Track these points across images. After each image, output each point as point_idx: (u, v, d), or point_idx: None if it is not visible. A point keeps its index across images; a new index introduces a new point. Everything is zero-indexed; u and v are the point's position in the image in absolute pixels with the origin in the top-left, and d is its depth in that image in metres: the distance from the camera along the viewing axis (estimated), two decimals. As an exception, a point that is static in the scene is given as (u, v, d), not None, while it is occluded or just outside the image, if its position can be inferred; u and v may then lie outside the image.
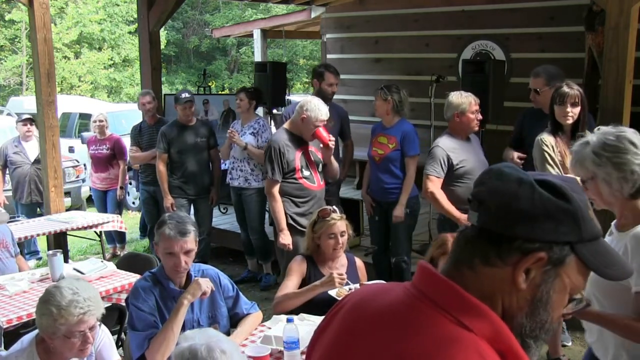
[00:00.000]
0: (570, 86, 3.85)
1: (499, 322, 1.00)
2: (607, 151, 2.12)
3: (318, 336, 1.21)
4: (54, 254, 4.00)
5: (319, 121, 4.39)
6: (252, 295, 5.42)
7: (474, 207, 1.07)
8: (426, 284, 1.06)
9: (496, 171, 1.07)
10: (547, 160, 3.80)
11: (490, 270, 1.03)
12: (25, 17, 16.14)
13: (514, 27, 7.29)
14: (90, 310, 2.42)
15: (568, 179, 1.07)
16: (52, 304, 2.39)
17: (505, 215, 1.02)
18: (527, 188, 1.02)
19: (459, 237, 1.09)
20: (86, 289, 2.48)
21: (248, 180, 5.82)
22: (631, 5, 4.16)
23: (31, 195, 6.90)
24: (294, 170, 4.48)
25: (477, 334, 0.98)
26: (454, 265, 1.08)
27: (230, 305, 3.10)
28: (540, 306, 1.04)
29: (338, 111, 5.60)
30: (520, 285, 1.02)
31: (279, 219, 4.47)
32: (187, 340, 1.81)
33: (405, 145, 4.79)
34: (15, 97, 16.95)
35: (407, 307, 1.05)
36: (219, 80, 24.23)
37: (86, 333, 2.44)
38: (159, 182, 5.95)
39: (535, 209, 1.01)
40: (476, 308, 1.00)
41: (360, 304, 1.15)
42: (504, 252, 1.02)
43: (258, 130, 5.80)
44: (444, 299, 1.02)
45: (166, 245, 2.87)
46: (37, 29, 6.10)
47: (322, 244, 3.41)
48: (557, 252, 1.01)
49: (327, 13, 8.97)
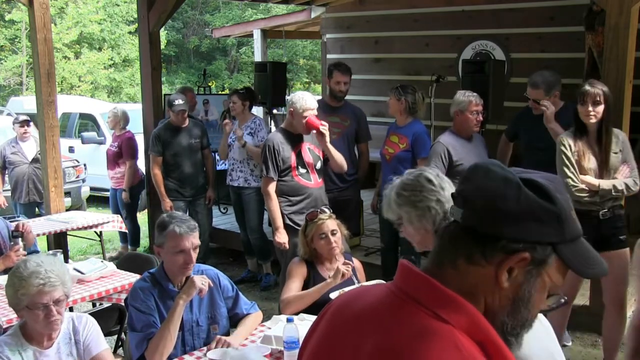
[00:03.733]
0: (592, 84, 3.74)
1: (476, 314, 1.01)
2: (406, 190, 2.17)
3: (308, 339, 1.24)
4: (54, 254, 4.00)
5: (306, 111, 4.35)
6: (252, 295, 5.42)
7: (459, 203, 1.07)
8: (405, 280, 1.08)
9: (483, 168, 1.07)
10: (563, 160, 3.77)
11: (474, 268, 1.04)
12: (25, 17, 16.15)
13: (514, 27, 7.28)
14: (50, 282, 2.45)
15: (552, 178, 1.07)
16: (15, 274, 2.48)
17: (491, 215, 1.02)
18: (514, 188, 1.02)
19: (443, 233, 1.10)
20: (52, 263, 2.53)
21: (248, 180, 5.83)
22: (631, 5, 4.16)
23: (29, 195, 6.91)
24: (290, 168, 4.48)
25: (455, 326, 0.99)
26: (437, 262, 1.08)
27: (230, 306, 3.10)
28: (522, 305, 1.05)
29: (354, 111, 5.53)
30: (503, 284, 1.03)
31: (275, 217, 4.47)
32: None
33: (416, 147, 4.75)
34: (15, 97, 16.94)
35: (386, 304, 1.07)
36: (219, 80, 24.23)
37: (49, 305, 2.46)
38: (155, 185, 5.96)
39: (521, 210, 1.01)
40: (453, 301, 1.01)
41: (344, 305, 1.18)
42: (488, 251, 1.02)
43: (255, 129, 5.81)
44: (422, 294, 1.04)
45: (176, 243, 2.86)
46: (37, 29, 6.11)
47: (316, 246, 3.42)
48: (540, 253, 1.02)
49: (327, 13, 8.97)
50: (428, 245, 2.24)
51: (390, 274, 4.33)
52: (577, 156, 3.76)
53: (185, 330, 2.93)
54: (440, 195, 2.14)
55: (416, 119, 4.86)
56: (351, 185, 5.39)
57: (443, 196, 2.14)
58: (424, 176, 2.18)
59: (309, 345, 1.21)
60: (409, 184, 2.18)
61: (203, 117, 7.29)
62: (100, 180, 9.19)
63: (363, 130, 5.54)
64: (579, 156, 3.76)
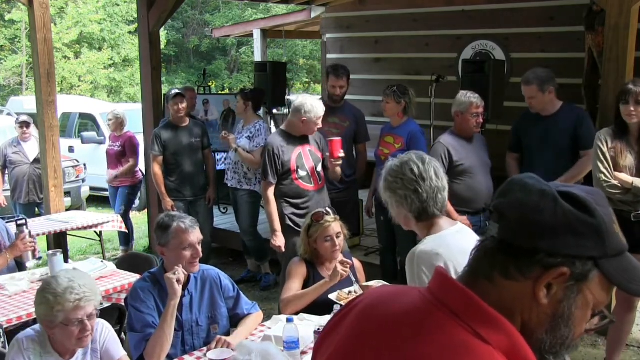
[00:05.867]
0: (636, 83, 3.69)
1: (517, 336, 0.97)
2: (390, 176, 2.24)
3: (325, 337, 1.18)
4: (54, 254, 4.00)
5: (318, 118, 4.44)
6: (252, 295, 5.42)
7: (495, 218, 1.04)
8: (443, 290, 1.03)
9: (518, 182, 1.04)
10: (598, 155, 3.74)
11: (510, 283, 1.00)
12: (25, 17, 16.14)
13: (514, 27, 7.28)
14: (86, 297, 2.43)
15: (593, 192, 1.03)
16: (49, 291, 2.42)
17: (526, 228, 0.99)
18: (550, 201, 0.99)
19: (479, 248, 1.06)
20: (82, 277, 2.51)
21: (240, 182, 5.83)
22: (631, 5, 4.16)
23: (29, 195, 6.91)
24: (290, 172, 4.48)
25: (494, 347, 0.95)
26: (472, 276, 1.04)
27: (231, 306, 3.10)
28: (562, 322, 1.01)
29: (353, 112, 5.52)
30: (541, 300, 0.99)
31: (272, 221, 4.49)
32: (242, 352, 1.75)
33: (412, 146, 4.73)
34: (15, 97, 16.93)
35: (420, 312, 1.02)
36: (219, 80, 24.22)
37: (84, 321, 2.44)
38: (156, 185, 5.94)
39: (558, 223, 0.97)
40: (494, 319, 0.97)
41: (373, 306, 1.12)
42: (524, 265, 0.99)
43: (254, 134, 5.71)
44: (460, 307, 0.99)
45: (183, 239, 2.88)
46: (37, 29, 6.11)
47: (319, 247, 3.41)
48: (580, 268, 0.98)
49: (327, 13, 8.96)
50: (412, 227, 2.31)
51: (389, 274, 4.36)
52: (614, 153, 3.70)
53: (185, 330, 2.93)
54: (420, 185, 2.19)
55: (410, 118, 4.89)
56: (349, 186, 5.39)
57: (422, 187, 2.19)
58: (408, 165, 2.23)
59: (329, 342, 1.15)
60: (394, 170, 2.25)
61: (203, 117, 7.28)
62: (100, 180, 9.19)
63: (362, 131, 5.54)
64: (616, 153, 3.70)
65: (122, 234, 7.01)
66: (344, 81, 5.34)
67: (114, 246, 7.64)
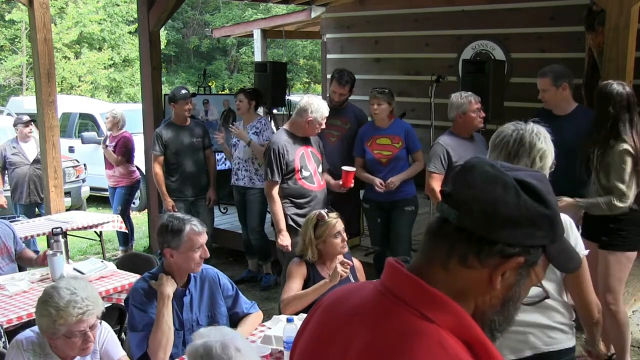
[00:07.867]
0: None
1: (462, 313, 1.02)
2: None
3: (299, 337, 1.25)
4: (54, 254, 4.00)
5: (324, 118, 4.52)
6: (252, 295, 5.42)
7: (453, 204, 1.05)
8: (391, 280, 1.09)
9: (480, 171, 1.06)
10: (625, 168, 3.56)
11: (467, 271, 1.04)
12: (25, 17, 16.15)
13: (514, 27, 7.29)
14: (89, 310, 2.42)
15: (541, 178, 1.07)
16: (51, 305, 2.40)
17: (490, 220, 1.02)
18: (513, 194, 1.02)
19: (434, 232, 1.09)
20: (84, 289, 2.48)
21: (252, 180, 5.82)
22: (631, 5, 4.16)
23: (30, 196, 6.89)
24: (294, 171, 4.49)
25: (440, 325, 1.00)
26: (426, 262, 1.08)
27: (230, 305, 3.11)
28: (512, 304, 1.08)
29: (355, 113, 5.53)
30: (496, 286, 1.04)
31: (278, 220, 4.49)
32: (201, 337, 1.80)
33: (410, 142, 4.86)
34: (15, 97, 16.93)
35: (373, 304, 1.08)
36: (219, 80, 24.23)
37: (87, 332, 2.44)
38: (157, 185, 5.92)
39: (520, 215, 1.02)
40: (439, 300, 1.02)
41: (334, 304, 1.19)
42: (483, 255, 1.03)
43: (260, 129, 5.79)
44: (407, 294, 1.04)
45: (195, 241, 2.90)
46: (37, 29, 6.11)
47: (328, 245, 3.41)
48: (534, 255, 1.05)
49: (327, 13, 8.97)
50: None
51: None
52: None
53: (185, 329, 2.94)
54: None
55: (396, 118, 4.99)
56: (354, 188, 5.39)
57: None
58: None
59: (301, 342, 1.22)
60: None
61: (203, 117, 7.28)
62: (100, 180, 9.19)
63: None
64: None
65: (121, 234, 7.00)
66: (345, 89, 5.34)
67: (114, 246, 7.63)
